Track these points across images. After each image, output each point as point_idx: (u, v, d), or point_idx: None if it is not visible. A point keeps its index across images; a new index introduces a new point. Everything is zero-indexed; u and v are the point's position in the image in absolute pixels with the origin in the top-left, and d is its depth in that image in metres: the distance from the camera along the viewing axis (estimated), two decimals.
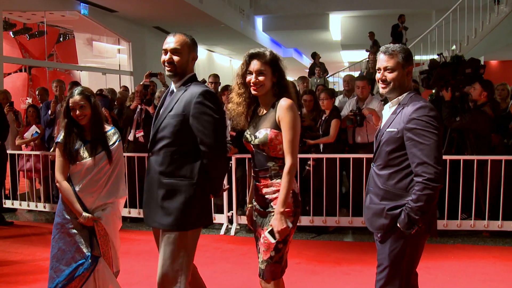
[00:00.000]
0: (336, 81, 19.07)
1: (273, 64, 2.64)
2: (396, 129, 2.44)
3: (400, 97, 2.53)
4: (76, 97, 3.09)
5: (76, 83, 7.23)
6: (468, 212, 5.40)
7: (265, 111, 2.69)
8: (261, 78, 2.61)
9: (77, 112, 3.08)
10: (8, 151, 6.53)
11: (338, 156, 5.48)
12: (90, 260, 3.05)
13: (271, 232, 2.58)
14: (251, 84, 2.64)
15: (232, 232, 5.68)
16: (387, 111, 2.63)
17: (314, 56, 14.05)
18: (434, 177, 2.31)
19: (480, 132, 5.38)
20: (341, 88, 9.13)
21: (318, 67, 12.90)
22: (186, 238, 2.66)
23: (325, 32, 17.84)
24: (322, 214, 5.41)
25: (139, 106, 6.04)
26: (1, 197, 6.43)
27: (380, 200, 2.50)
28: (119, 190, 3.20)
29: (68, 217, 3.08)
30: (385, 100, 3.63)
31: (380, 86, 2.56)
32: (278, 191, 2.61)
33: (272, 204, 2.65)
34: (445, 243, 5.24)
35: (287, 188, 2.56)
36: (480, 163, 5.27)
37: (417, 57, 13.17)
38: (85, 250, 3.05)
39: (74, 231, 3.07)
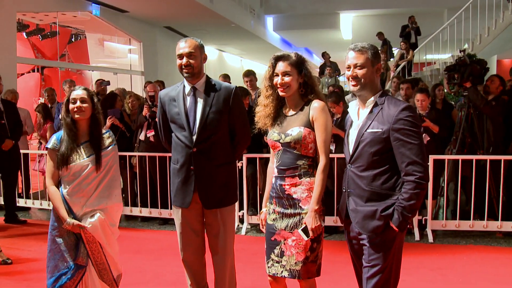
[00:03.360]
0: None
1: (298, 65, 2.72)
2: (381, 130, 2.42)
3: (374, 97, 2.51)
4: (80, 91, 3.02)
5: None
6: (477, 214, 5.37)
7: (293, 111, 2.77)
8: (287, 79, 2.69)
9: (77, 103, 2.96)
10: (21, 151, 6.61)
11: None
12: (72, 271, 2.93)
13: (305, 230, 2.62)
14: (278, 86, 2.71)
15: (243, 232, 5.68)
16: (355, 109, 2.61)
17: (324, 55, 14.01)
18: (424, 175, 2.36)
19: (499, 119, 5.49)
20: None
21: (329, 67, 12.86)
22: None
23: (336, 32, 17.79)
24: (333, 214, 5.39)
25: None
26: (15, 196, 6.50)
27: (365, 202, 2.49)
28: (111, 196, 3.04)
29: (55, 224, 3.00)
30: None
31: (351, 84, 2.53)
32: (308, 190, 2.68)
33: (301, 204, 2.68)
34: (458, 244, 5.19)
35: (321, 186, 2.65)
36: (493, 163, 5.22)
37: (428, 56, 13.08)
38: (69, 259, 2.95)
39: (59, 239, 2.97)
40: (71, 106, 2.99)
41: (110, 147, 3.09)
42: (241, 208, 5.78)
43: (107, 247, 3.02)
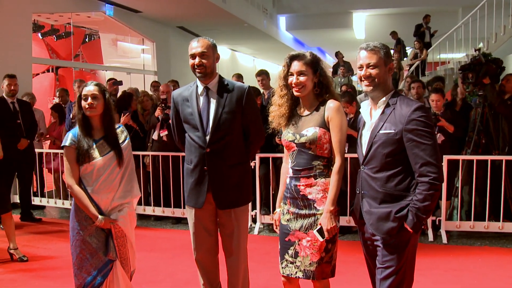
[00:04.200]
0: None
1: (313, 65, 2.70)
2: (393, 131, 2.40)
3: (386, 97, 2.48)
4: (91, 87, 3.00)
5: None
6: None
7: (308, 111, 2.75)
8: (302, 78, 2.67)
9: (89, 100, 2.95)
10: (36, 150, 6.68)
11: None
12: (109, 266, 2.99)
13: (320, 231, 2.61)
14: (293, 85, 2.70)
15: (256, 231, 5.68)
16: (367, 110, 2.59)
17: (337, 55, 13.95)
18: (438, 176, 2.33)
19: None
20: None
21: (342, 67, 12.80)
22: None
23: (349, 31, 17.67)
24: (346, 214, 5.37)
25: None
26: (30, 195, 6.57)
27: (379, 203, 2.47)
28: (133, 189, 3.10)
29: (84, 223, 2.98)
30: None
31: (363, 84, 2.50)
32: (323, 191, 2.67)
33: (316, 205, 2.67)
34: (472, 245, 5.14)
35: (337, 187, 2.64)
36: (509, 163, 5.16)
37: (442, 56, 12.92)
38: (102, 256, 2.98)
39: (89, 238, 2.97)
40: (83, 103, 2.98)
41: (126, 141, 3.11)
42: (253, 207, 5.78)
43: (131, 240, 3.08)
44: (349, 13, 16.85)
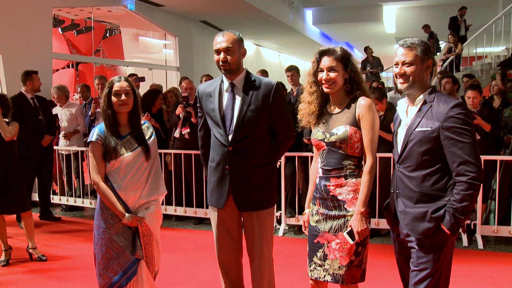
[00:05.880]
0: (390, 76, 18.43)
1: (344, 60, 2.63)
2: (430, 128, 2.34)
3: (423, 95, 2.42)
4: (123, 83, 2.95)
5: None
6: None
7: (338, 109, 2.67)
8: (332, 74, 2.58)
9: (123, 97, 2.90)
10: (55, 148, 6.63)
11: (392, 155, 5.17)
12: (136, 265, 2.92)
13: (350, 233, 2.53)
14: (323, 82, 2.62)
15: (280, 233, 5.52)
16: (404, 108, 2.53)
17: (366, 50, 13.57)
18: (477, 175, 2.26)
19: None
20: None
21: (370, 65, 12.53)
22: None
23: (378, 25, 17.26)
24: (374, 216, 5.16)
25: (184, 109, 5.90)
26: (49, 193, 6.53)
27: (414, 203, 2.40)
28: (159, 187, 3.06)
29: (109, 222, 2.92)
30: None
31: (398, 82, 2.46)
32: (353, 191, 2.58)
33: (346, 206, 2.58)
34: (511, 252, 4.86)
35: (368, 187, 2.54)
36: None
37: (479, 50, 12.38)
38: (129, 254, 2.91)
39: (116, 237, 2.90)
40: (114, 99, 2.93)
41: (152, 138, 3.07)
42: (278, 208, 5.61)
43: (157, 239, 3.03)
44: (379, 5, 16.40)
